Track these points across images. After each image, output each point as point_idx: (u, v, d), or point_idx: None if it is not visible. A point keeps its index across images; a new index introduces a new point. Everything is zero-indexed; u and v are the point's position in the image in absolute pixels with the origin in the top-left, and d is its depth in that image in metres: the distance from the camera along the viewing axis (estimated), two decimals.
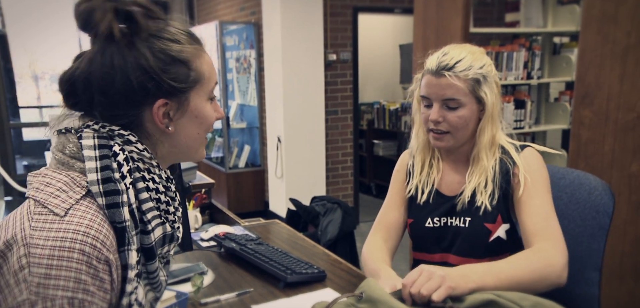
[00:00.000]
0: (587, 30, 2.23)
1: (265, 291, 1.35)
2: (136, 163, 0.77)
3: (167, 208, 0.81)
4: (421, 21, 3.15)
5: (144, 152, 0.78)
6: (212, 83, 0.84)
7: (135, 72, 0.74)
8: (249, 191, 5.10)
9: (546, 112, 3.48)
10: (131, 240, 0.73)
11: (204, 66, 0.82)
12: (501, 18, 4.42)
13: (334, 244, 2.79)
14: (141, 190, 0.76)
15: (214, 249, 1.64)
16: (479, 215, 1.24)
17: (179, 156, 0.86)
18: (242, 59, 5.14)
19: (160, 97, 0.77)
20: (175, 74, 0.77)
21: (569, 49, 3.33)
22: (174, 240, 0.84)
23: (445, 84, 1.20)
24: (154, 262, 0.78)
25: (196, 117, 0.82)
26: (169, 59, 0.77)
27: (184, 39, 0.80)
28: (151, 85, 0.75)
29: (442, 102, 1.22)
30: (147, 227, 0.76)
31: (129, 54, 0.75)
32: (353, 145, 4.87)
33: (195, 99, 0.81)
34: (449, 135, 1.25)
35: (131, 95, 0.75)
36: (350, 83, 4.76)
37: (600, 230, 1.28)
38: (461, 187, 1.29)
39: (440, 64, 1.21)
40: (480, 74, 1.20)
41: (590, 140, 2.27)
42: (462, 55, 1.21)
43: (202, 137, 0.85)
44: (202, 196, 2.20)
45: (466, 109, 1.21)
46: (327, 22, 4.53)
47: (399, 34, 6.36)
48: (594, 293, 1.29)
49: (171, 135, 0.81)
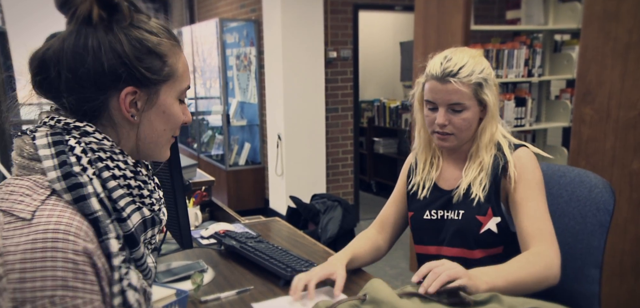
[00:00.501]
0: (588, 28, 2.22)
1: (266, 289, 1.35)
2: (97, 154, 0.76)
3: (141, 192, 0.81)
4: (422, 18, 3.15)
5: (104, 141, 0.77)
6: (184, 83, 0.84)
7: (108, 56, 0.75)
8: (249, 189, 5.10)
9: (547, 110, 3.47)
10: (107, 229, 0.73)
11: (179, 65, 0.83)
12: (502, 15, 4.41)
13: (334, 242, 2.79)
14: (107, 178, 0.75)
15: (214, 247, 1.64)
16: (471, 207, 1.29)
17: (143, 151, 0.85)
18: (242, 56, 5.13)
19: (130, 85, 0.77)
20: (149, 64, 0.78)
21: (570, 46, 3.33)
22: (156, 223, 0.83)
23: (451, 90, 1.25)
24: (137, 248, 0.78)
25: (164, 112, 0.82)
26: (145, 49, 0.78)
27: (163, 34, 0.81)
28: (123, 71, 0.76)
29: (447, 106, 1.28)
30: (121, 214, 0.76)
31: (104, 38, 0.75)
32: (353, 143, 4.87)
33: (165, 94, 0.82)
34: (453, 136, 1.31)
35: (101, 78, 0.75)
36: (351, 80, 4.75)
37: (601, 228, 1.28)
38: (458, 182, 1.35)
39: (445, 70, 1.25)
40: (481, 77, 1.26)
41: (591, 138, 2.27)
42: (464, 61, 1.26)
43: (167, 136, 0.85)
44: (202, 194, 2.20)
45: (470, 112, 1.28)
46: (328, 20, 4.52)
47: (399, 31, 6.36)
48: (594, 291, 1.29)
49: (136, 126, 0.81)
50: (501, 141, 1.33)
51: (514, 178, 1.26)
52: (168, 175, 1.19)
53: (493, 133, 1.31)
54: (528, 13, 3.35)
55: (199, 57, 5.76)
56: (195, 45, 5.77)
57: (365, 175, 5.91)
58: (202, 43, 5.59)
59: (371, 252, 1.47)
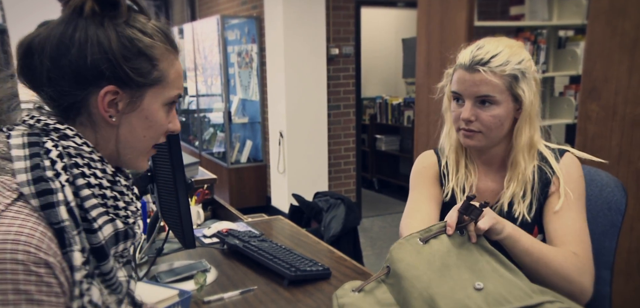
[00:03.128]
0: (595, 23, 2.20)
1: (269, 289, 1.33)
2: (74, 159, 0.73)
3: (116, 204, 0.77)
4: (425, 15, 3.12)
5: (83, 146, 0.75)
6: (173, 91, 0.81)
7: (93, 50, 0.72)
8: (251, 187, 5.08)
9: (551, 107, 3.45)
10: (72, 241, 0.69)
11: (171, 71, 0.79)
12: (506, 11, 4.38)
13: (337, 240, 2.77)
14: (81, 187, 0.72)
15: (217, 246, 1.62)
16: (517, 224, 1.13)
17: (122, 157, 0.81)
18: (243, 53, 5.10)
19: (112, 83, 0.74)
20: (136, 65, 0.75)
21: (574, 42, 3.30)
22: (129, 237, 0.80)
23: (479, 80, 1.11)
24: (106, 262, 0.74)
25: (146, 118, 0.79)
26: (135, 49, 0.75)
27: (159, 38, 0.78)
28: (106, 67, 0.73)
29: (475, 100, 1.13)
30: (92, 225, 0.72)
31: (93, 32, 0.72)
32: (355, 140, 4.85)
33: (151, 99, 0.78)
34: (481, 135, 1.16)
35: (82, 71, 0.72)
36: (353, 78, 4.73)
37: (612, 228, 1.25)
38: (496, 195, 1.21)
39: (474, 58, 1.12)
40: (518, 69, 1.11)
41: (597, 135, 2.24)
42: (498, 49, 1.11)
43: (147, 143, 0.81)
44: (205, 192, 2.18)
45: (501, 108, 1.12)
46: (330, 16, 4.49)
47: (401, 28, 6.33)
48: (605, 293, 1.27)
49: (116, 128, 0.77)
50: (543, 150, 1.19)
51: (564, 196, 1.13)
52: (170, 173, 1.17)
53: (531, 136, 1.16)
54: (532, 9, 3.32)
55: (200, 54, 5.74)
56: (197, 43, 5.74)
57: (368, 173, 5.89)
58: (203, 40, 5.57)
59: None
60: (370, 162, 5.91)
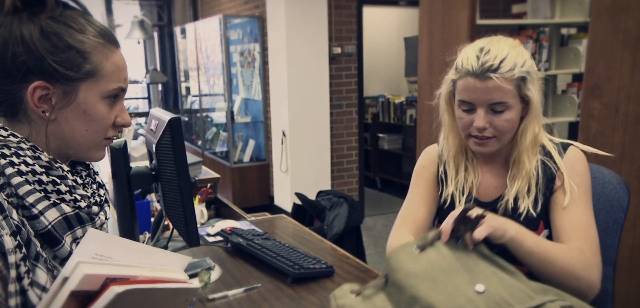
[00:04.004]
0: (597, 20, 2.20)
1: (273, 286, 1.33)
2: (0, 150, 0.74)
3: (57, 188, 0.77)
4: (427, 13, 3.12)
5: (10, 137, 0.76)
6: (112, 84, 0.80)
7: (15, 45, 0.73)
8: (254, 185, 5.09)
9: (553, 105, 3.44)
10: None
11: (106, 64, 0.80)
12: (508, 9, 4.37)
13: (340, 238, 2.78)
14: (11, 175, 0.73)
15: (221, 244, 1.63)
16: (520, 221, 1.14)
17: (71, 152, 0.82)
18: (246, 53, 5.11)
19: (40, 79, 0.75)
20: (64, 59, 0.76)
21: (576, 40, 3.30)
22: (85, 221, 0.80)
23: (493, 87, 1.08)
24: (60, 247, 0.76)
25: (84, 112, 0.79)
26: (63, 43, 0.76)
27: (91, 32, 0.78)
28: (30, 62, 0.74)
29: (488, 107, 1.11)
30: (32, 211, 0.73)
31: (16, 27, 0.74)
32: (358, 139, 4.85)
33: (86, 93, 0.78)
34: (495, 140, 1.14)
35: (6, 67, 0.74)
36: (355, 76, 4.73)
37: (615, 225, 1.26)
38: (499, 192, 1.21)
39: (484, 65, 1.08)
40: (524, 71, 1.10)
41: (599, 133, 2.24)
42: (505, 52, 1.09)
43: (93, 137, 0.82)
44: (208, 191, 2.19)
45: (513, 111, 1.11)
46: (332, 15, 4.49)
47: (403, 26, 6.32)
48: (607, 289, 1.27)
49: (54, 124, 0.78)
50: (547, 144, 1.18)
51: (570, 192, 1.13)
52: (174, 172, 1.17)
53: (536, 134, 1.16)
54: (534, 7, 3.31)
55: (202, 54, 5.75)
56: (199, 42, 5.75)
57: (370, 172, 5.89)
58: (205, 40, 5.58)
59: None
60: (372, 160, 5.91)
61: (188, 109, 6.66)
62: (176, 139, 1.14)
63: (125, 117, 0.85)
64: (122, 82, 0.83)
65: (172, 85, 7.38)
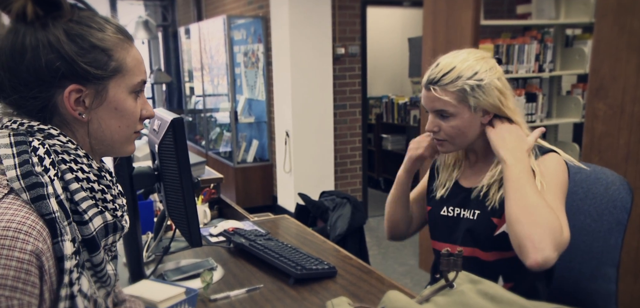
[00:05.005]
0: (602, 21, 2.19)
1: (275, 287, 1.33)
2: (61, 156, 0.76)
3: (104, 197, 0.80)
4: (431, 14, 3.11)
5: (68, 143, 0.77)
6: (136, 78, 0.82)
7: (46, 52, 0.74)
8: (257, 186, 5.10)
9: (558, 106, 3.43)
10: (64, 231, 0.71)
11: (128, 59, 0.81)
12: (512, 10, 4.36)
13: (343, 239, 2.77)
14: (70, 181, 0.75)
15: (223, 245, 1.63)
16: (487, 209, 1.25)
17: (105, 150, 0.84)
18: (250, 53, 5.12)
19: (73, 82, 0.76)
20: (92, 59, 0.77)
21: (581, 40, 3.28)
22: (118, 230, 0.83)
23: (434, 97, 1.23)
24: (98, 253, 0.77)
25: (116, 109, 0.81)
26: (88, 44, 0.77)
27: (109, 30, 0.79)
28: (63, 66, 0.75)
29: (435, 113, 1.25)
30: (83, 217, 0.75)
31: (42, 35, 0.74)
32: (361, 140, 4.85)
33: (115, 89, 0.80)
34: (448, 143, 1.28)
35: (40, 74, 0.74)
36: (359, 77, 4.73)
37: (618, 226, 1.25)
38: (478, 181, 1.31)
39: (428, 77, 1.24)
40: (468, 84, 1.20)
41: (604, 134, 2.23)
42: (451, 66, 1.21)
43: (125, 132, 0.84)
44: (211, 191, 2.19)
45: (457, 119, 1.23)
46: (336, 16, 4.49)
47: (407, 27, 6.31)
48: (611, 290, 1.26)
49: (90, 125, 0.80)
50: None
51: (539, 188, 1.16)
52: (177, 173, 1.18)
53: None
54: (539, 7, 3.30)
55: (206, 55, 5.76)
56: (203, 43, 5.77)
57: (374, 172, 5.89)
58: (209, 40, 5.59)
59: (406, 214, 1.49)
60: (376, 161, 5.90)
61: (192, 109, 6.68)
62: (179, 139, 1.15)
63: (149, 108, 0.87)
64: (143, 75, 0.85)
65: (176, 85, 7.40)
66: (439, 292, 1.00)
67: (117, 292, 0.98)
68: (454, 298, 0.99)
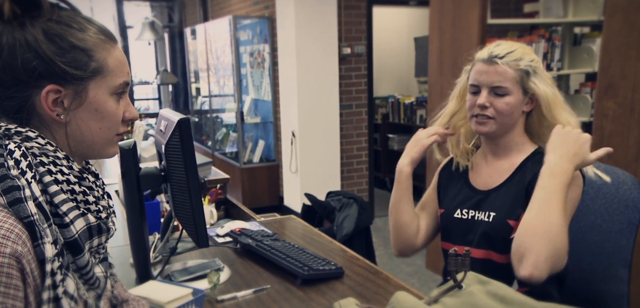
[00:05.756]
0: (612, 19, 2.16)
1: (282, 288, 1.33)
2: (38, 158, 0.75)
3: (86, 198, 0.79)
4: (437, 13, 3.10)
5: (47, 145, 0.76)
6: (118, 79, 0.81)
7: (22, 51, 0.73)
8: (263, 186, 5.10)
9: None
10: (43, 233, 0.70)
11: (110, 59, 0.79)
12: (519, 8, 4.33)
13: (350, 239, 2.76)
14: (49, 183, 0.74)
15: (230, 245, 1.63)
16: (503, 210, 1.25)
17: (85, 152, 0.83)
18: (255, 53, 5.12)
19: (51, 82, 0.75)
20: (71, 59, 0.75)
21: (590, 39, 3.25)
22: (103, 231, 0.81)
23: (496, 71, 1.24)
24: (82, 256, 0.76)
25: (96, 110, 0.79)
26: (67, 44, 0.75)
27: (91, 30, 0.78)
28: (40, 66, 0.73)
29: (490, 89, 1.25)
30: (64, 220, 0.74)
31: (20, 34, 0.73)
32: (368, 140, 4.84)
33: (95, 90, 0.78)
34: (493, 121, 1.27)
35: (16, 74, 0.73)
36: (365, 77, 4.71)
37: (630, 226, 1.23)
38: (492, 181, 1.31)
39: (492, 53, 1.26)
40: (529, 65, 1.24)
41: (614, 133, 2.21)
42: (514, 47, 1.26)
43: (106, 134, 0.82)
44: (217, 191, 2.19)
45: (512, 97, 1.25)
46: (342, 16, 4.48)
47: (413, 26, 6.29)
48: (622, 291, 1.25)
49: (69, 126, 0.78)
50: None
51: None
52: (183, 173, 1.17)
53: (544, 126, 1.27)
54: (546, 5, 3.27)
55: (212, 55, 5.77)
56: (209, 43, 5.78)
57: (380, 172, 5.87)
58: (215, 41, 5.60)
59: (413, 214, 1.44)
60: (382, 161, 5.89)
61: (198, 109, 6.69)
62: (185, 139, 1.14)
63: (132, 111, 0.85)
64: (126, 76, 0.83)
65: (183, 86, 7.42)
66: (448, 293, 0.98)
67: (117, 293, 0.97)
68: (463, 299, 0.98)
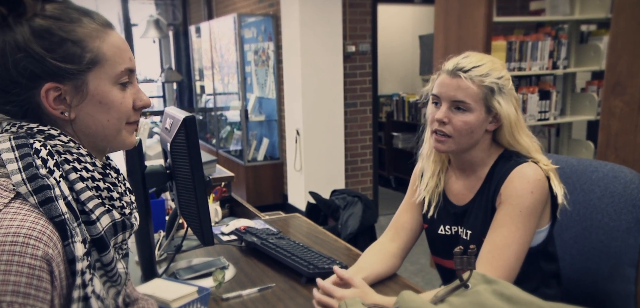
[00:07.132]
0: (619, 16, 2.15)
1: (287, 286, 1.33)
2: (63, 156, 0.74)
3: (110, 195, 0.78)
4: (442, 11, 3.08)
5: (70, 143, 0.75)
6: (118, 67, 0.77)
7: (12, 52, 0.71)
8: (268, 184, 5.10)
9: (572, 103, 3.38)
10: (74, 232, 0.70)
11: (105, 47, 0.76)
12: (525, 6, 4.31)
13: (354, 238, 2.76)
14: (75, 181, 0.73)
15: (235, 243, 1.63)
16: (478, 227, 1.22)
17: (102, 145, 0.81)
18: (260, 51, 5.12)
19: (48, 80, 0.73)
20: (63, 54, 0.73)
21: (597, 37, 3.23)
22: (127, 227, 0.80)
23: (458, 85, 1.16)
24: (107, 253, 0.76)
25: (100, 102, 0.76)
26: (57, 38, 0.72)
27: (82, 20, 0.75)
28: (32, 65, 0.71)
29: (451, 103, 1.18)
30: (90, 217, 0.74)
31: (9, 36, 0.71)
32: (372, 138, 4.83)
33: (96, 82, 0.75)
34: (451, 140, 1.20)
35: (11, 77, 0.72)
36: (370, 75, 4.70)
37: (637, 225, 1.23)
38: (467, 197, 1.26)
39: (458, 65, 1.18)
40: (495, 82, 1.17)
41: (621, 131, 2.19)
42: (482, 62, 1.18)
43: (116, 125, 0.79)
44: (222, 189, 2.19)
45: (473, 115, 1.17)
46: (346, 13, 4.47)
47: (418, 24, 6.27)
48: (630, 291, 1.24)
49: (77, 122, 0.77)
50: (510, 154, 1.22)
51: (500, 198, 1.16)
52: (189, 171, 1.17)
53: (505, 146, 1.22)
54: (553, 3, 3.26)
55: (217, 53, 5.78)
56: (214, 41, 5.78)
57: (384, 170, 5.86)
58: (220, 39, 5.60)
59: (382, 263, 1.34)
60: (387, 159, 5.88)
61: (202, 107, 6.70)
62: (191, 137, 1.14)
63: (143, 97, 0.82)
64: (127, 62, 0.79)
65: (187, 84, 7.43)
66: (454, 292, 0.98)
67: (129, 292, 0.98)
68: (470, 299, 0.97)
